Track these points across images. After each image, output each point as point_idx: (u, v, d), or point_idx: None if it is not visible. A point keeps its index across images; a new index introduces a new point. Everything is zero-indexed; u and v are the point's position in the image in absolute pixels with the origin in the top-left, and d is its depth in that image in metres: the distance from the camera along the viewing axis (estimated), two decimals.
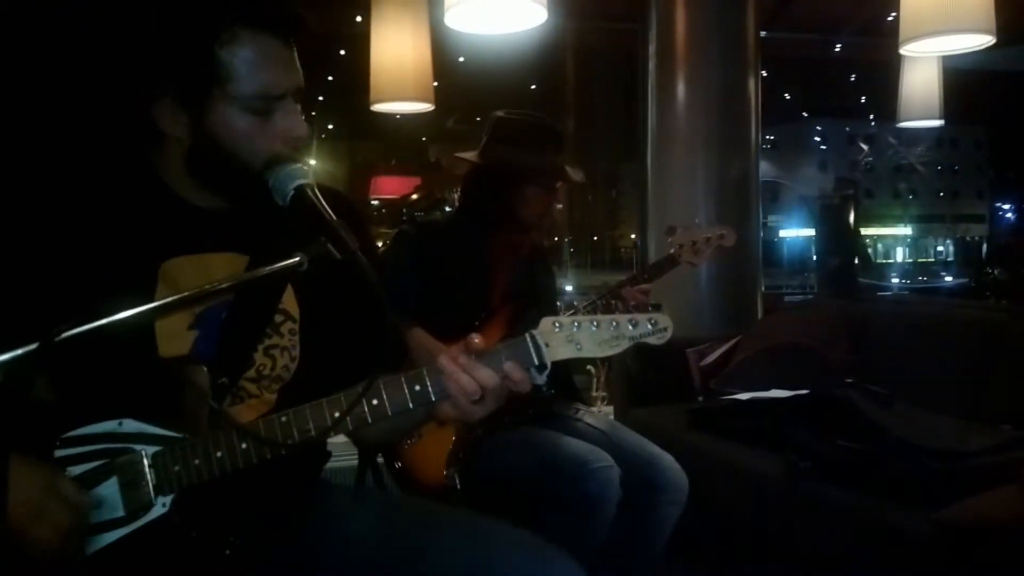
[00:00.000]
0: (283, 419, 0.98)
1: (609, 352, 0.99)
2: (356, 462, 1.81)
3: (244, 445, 0.97)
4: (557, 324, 0.99)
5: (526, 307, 1.98)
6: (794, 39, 5.29)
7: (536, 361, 0.99)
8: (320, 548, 1.14)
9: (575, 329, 0.99)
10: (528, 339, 0.99)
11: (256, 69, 0.99)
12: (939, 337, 2.45)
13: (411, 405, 0.99)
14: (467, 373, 0.98)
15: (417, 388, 0.99)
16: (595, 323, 0.99)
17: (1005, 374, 2.21)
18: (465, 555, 1.09)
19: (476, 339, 1.00)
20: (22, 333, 0.77)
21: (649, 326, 1.00)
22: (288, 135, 1.03)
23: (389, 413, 0.98)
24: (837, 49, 5.60)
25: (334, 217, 0.91)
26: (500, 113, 2.01)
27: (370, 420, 0.98)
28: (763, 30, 3.79)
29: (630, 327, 0.99)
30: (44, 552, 0.89)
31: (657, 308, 1.03)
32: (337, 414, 0.97)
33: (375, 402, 0.98)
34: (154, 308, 0.83)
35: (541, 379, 1.01)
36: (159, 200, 1.08)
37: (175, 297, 0.84)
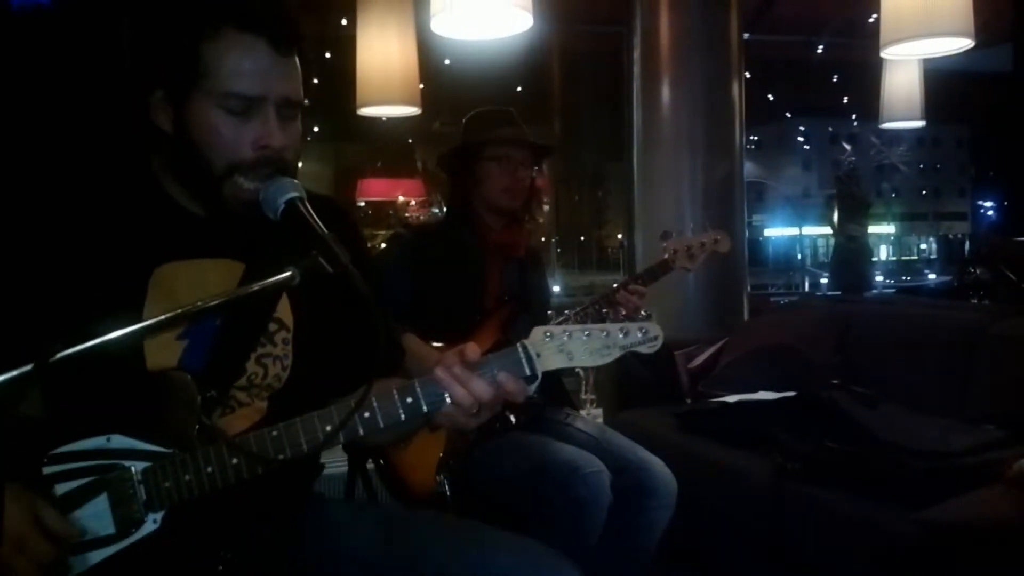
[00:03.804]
0: (274, 433, 0.97)
1: (600, 361, 0.99)
2: (345, 469, 1.81)
3: (235, 460, 0.96)
4: (548, 334, 0.99)
5: (520, 310, 1.99)
6: (777, 41, 5.34)
7: (527, 372, 0.98)
8: (314, 563, 1.13)
9: (566, 339, 0.98)
10: (520, 349, 0.98)
11: (235, 68, 0.99)
12: (923, 338, 2.47)
13: (403, 417, 0.98)
14: (462, 386, 0.97)
15: (409, 400, 0.98)
16: (586, 332, 0.99)
17: (987, 374, 2.23)
18: (463, 563, 1.08)
19: (470, 350, 0.99)
20: (11, 338, 0.76)
21: (639, 335, 0.99)
22: (260, 142, 1.01)
23: (381, 426, 0.98)
24: (819, 50, 5.66)
25: (325, 231, 0.91)
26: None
27: (362, 432, 0.98)
28: (746, 32, 3.81)
29: (620, 336, 0.99)
30: None
31: (647, 317, 1.03)
32: (329, 428, 0.96)
33: (367, 415, 0.97)
34: (147, 326, 0.82)
35: (531, 389, 1.01)
36: (155, 204, 1.09)
37: (167, 316, 0.82)
